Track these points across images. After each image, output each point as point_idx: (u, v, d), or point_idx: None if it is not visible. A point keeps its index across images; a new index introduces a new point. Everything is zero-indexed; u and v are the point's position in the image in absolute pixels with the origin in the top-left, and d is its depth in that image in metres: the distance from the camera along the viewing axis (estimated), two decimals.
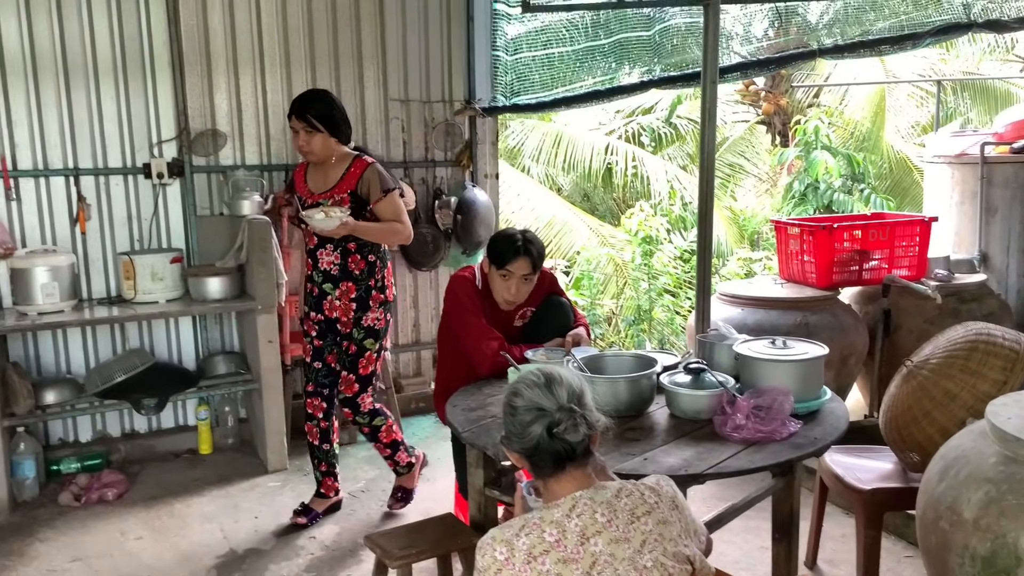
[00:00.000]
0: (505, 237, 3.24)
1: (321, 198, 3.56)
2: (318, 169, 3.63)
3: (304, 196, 3.64)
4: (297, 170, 3.77)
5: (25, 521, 3.96)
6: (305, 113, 3.50)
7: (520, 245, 3.16)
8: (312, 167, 3.67)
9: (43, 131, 4.39)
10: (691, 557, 1.75)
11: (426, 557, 2.62)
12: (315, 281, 3.68)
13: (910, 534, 3.51)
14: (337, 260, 3.62)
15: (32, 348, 4.45)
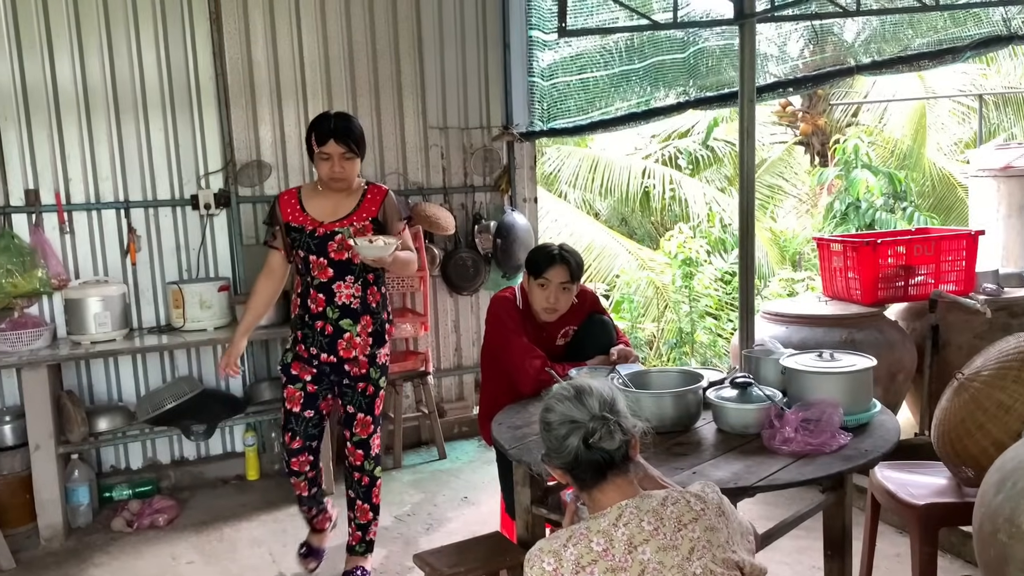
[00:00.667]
0: (541, 247, 3.31)
1: (338, 226, 3.24)
2: (321, 196, 3.32)
3: (308, 226, 3.27)
4: (284, 198, 3.36)
5: (80, 546, 4.03)
6: (348, 138, 3.22)
7: (556, 253, 3.20)
8: (310, 194, 3.34)
9: (95, 165, 4.53)
10: (740, 563, 1.74)
11: (475, 575, 2.62)
12: (329, 318, 3.29)
13: (967, 552, 3.43)
14: (358, 292, 3.31)
15: (85, 377, 4.56)
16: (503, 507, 3.56)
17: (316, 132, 3.20)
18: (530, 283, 3.24)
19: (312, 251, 3.26)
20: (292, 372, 3.36)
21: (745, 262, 3.97)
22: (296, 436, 3.38)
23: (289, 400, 3.36)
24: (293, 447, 3.38)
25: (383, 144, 5.16)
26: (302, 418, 3.37)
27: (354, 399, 3.41)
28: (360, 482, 3.46)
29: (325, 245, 3.26)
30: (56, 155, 4.44)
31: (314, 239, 3.26)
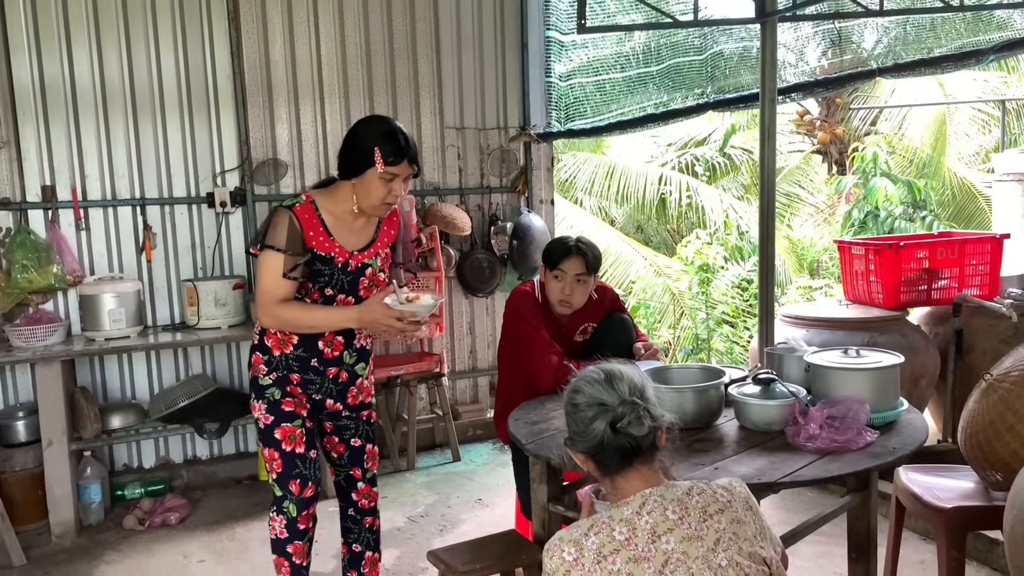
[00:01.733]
0: (558, 239, 3.27)
1: (366, 257, 2.69)
2: (342, 221, 2.64)
3: (339, 257, 2.63)
4: (304, 218, 2.57)
5: (91, 544, 4.00)
6: (416, 158, 2.63)
7: (572, 245, 3.15)
8: (335, 216, 2.62)
9: (112, 163, 4.52)
10: (768, 559, 1.68)
11: (490, 573, 2.57)
12: (346, 363, 2.77)
13: (993, 559, 3.35)
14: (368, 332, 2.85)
15: (99, 373, 4.55)
16: (518, 508, 3.50)
17: (386, 148, 2.51)
18: (546, 275, 3.19)
19: (343, 289, 2.67)
20: (285, 409, 2.67)
21: (765, 262, 3.91)
22: (308, 482, 2.68)
23: (288, 441, 2.66)
24: (306, 496, 2.68)
25: None
26: (308, 459, 2.69)
27: (359, 430, 2.87)
28: (372, 528, 2.93)
29: (357, 281, 2.69)
30: (73, 152, 4.44)
31: (347, 274, 2.66)
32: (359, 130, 2.61)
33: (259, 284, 2.59)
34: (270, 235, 2.55)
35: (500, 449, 5.14)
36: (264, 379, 2.69)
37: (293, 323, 2.60)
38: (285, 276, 2.54)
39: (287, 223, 2.54)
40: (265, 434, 2.69)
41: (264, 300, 2.57)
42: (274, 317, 2.58)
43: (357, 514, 2.91)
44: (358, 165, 2.55)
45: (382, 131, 2.56)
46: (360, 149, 2.54)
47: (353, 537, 2.92)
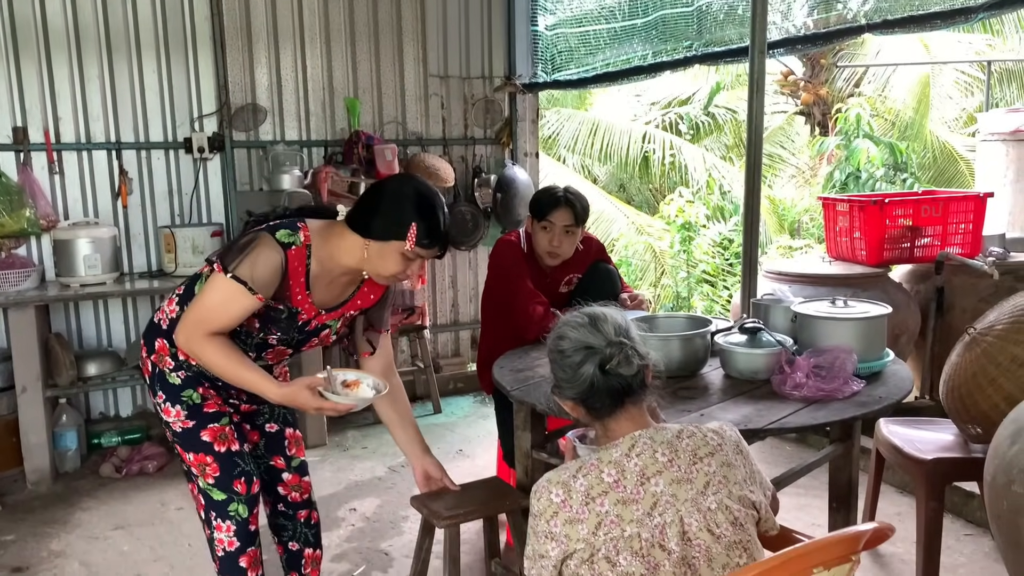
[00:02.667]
0: (546, 189, 3.21)
1: (330, 318, 2.33)
2: (325, 272, 2.24)
3: (304, 312, 2.26)
4: (294, 266, 2.17)
5: (67, 491, 3.96)
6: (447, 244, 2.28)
7: (561, 196, 3.09)
8: (319, 268, 2.22)
9: (86, 105, 4.40)
10: (757, 503, 1.67)
11: (474, 518, 2.56)
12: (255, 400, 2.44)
13: (968, 512, 3.40)
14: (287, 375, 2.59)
15: (74, 320, 4.47)
16: (500, 458, 3.50)
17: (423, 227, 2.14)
18: (533, 225, 3.15)
19: (289, 344, 2.34)
20: (207, 411, 2.32)
21: (750, 214, 3.89)
22: (252, 477, 2.34)
23: (220, 441, 2.30)
24: (254, 492, 2.35)
25: (382, 92, 5.04)
26: (246, 455, 2.36)
27: (274, 413, 2.53)
28: (309, 522, 2.59)
29: (307, 340, 2.36)
30: (45, 93, 4.31)
31: (302, 333, 2.32)
32: (398, 193, 2.17)
33: (199, 304, 2.14)
34: (247, 266, 2.10)
35: (481, 402, 5.14)
36: (172, 376, 2.30)
37: (211, 365, 2.17)
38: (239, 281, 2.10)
39: (275, 266, 2.12)
40: (186, 438, 2.30)
41: (195, 325, 2.13)
42: (194, 349, 2.15)
43: (288, 509, 2.55)
44: (384, 231, 2.14)
45: (425, 205, 2.16)
46: (394, 216, 2.13)
47: (288, 535, 2.57)
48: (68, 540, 3.47)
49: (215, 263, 2.13)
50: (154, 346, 2.32)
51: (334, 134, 4.92)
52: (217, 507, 2.31)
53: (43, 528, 3.57)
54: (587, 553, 1.58)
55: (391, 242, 2.14)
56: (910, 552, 3.01)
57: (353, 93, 4.95)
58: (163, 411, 2.33)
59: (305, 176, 4.63)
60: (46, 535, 3.51)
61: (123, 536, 3.50)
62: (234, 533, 2.31)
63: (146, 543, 3.43)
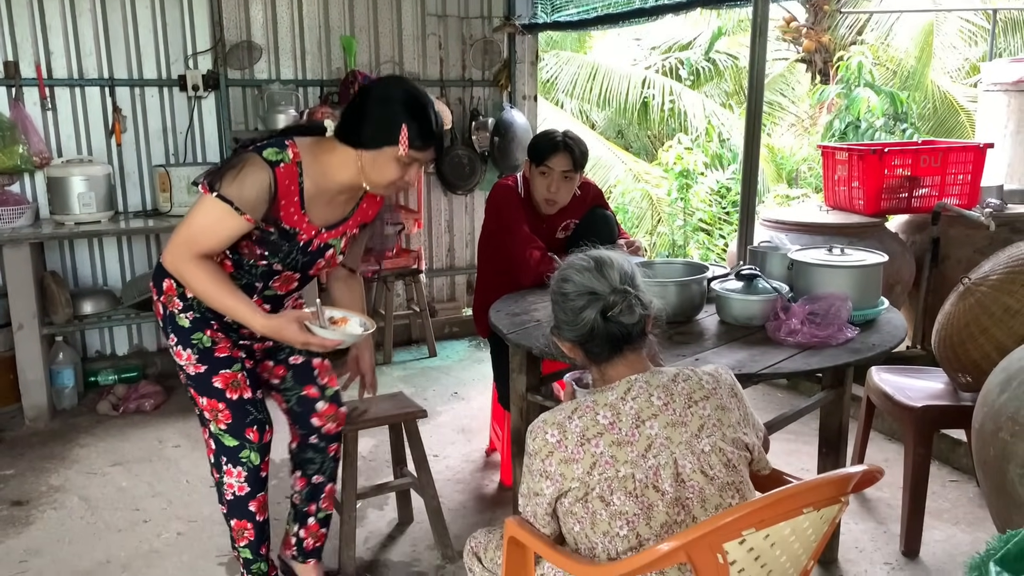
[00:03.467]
0: (544, 133, 3.14)
1: (332, 236, 2.29)
2: (322, 191, 2.20)
3: (303, 232, 2.22)
4: (284, 184, 2.12)
5: (65, 428, 4.00)
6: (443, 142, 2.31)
7: (560, 140, 3.05)
8: (314, 187, 2.17)
9: (78, 40, 4.32)
10: (750, 445, 1.70)
11: (373, 425, 2.77)
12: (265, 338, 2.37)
13: (955, 459, 3.46)
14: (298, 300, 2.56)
15: (69, 259, 4.45)
16: (494, 400, 3.53)
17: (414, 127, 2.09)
18: (531, 170, 3.12)
19: (295, 267, 2.29)
20: (219, 356, 2.28)
21: (749, 161, 3.88)
22: (265, 426, 2.33)
23: (232, 388, 2.28)
24: (266, 441, 2.34)
25: (379, 31, 4.96)
26: (259, 402, 2.34)
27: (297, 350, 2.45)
28: (336, 456, 2.57)
29: (314, 263, 2.31)
30: (36, 26, 4.23)
31: (306, 254, 2.27)
32: (384, 96, 2.11)
33: (186, 224, 2.09)
34: (234, 185, 2.05)
35: (476, 346, 5.17)
36: (181, 318, 2.27)
37: (197, 289, 2.12)
38: (220, 197, 2.05)
39: (262, 184, 2.07)
40: (199, 382, 2.27)
41: (181, 247, 2.08)
42: (181, 271, 2.10)
43: (321, 441, 2.49)
44: (375, 138, 2.08)
45: (414, 105, 2.10)
46: (382, 120, 2.08)
47: (314, 468, 2.52)
48: (67, 475, 3.51)
49: (201, 183, 2.09)
50: (162, 287, 2.29)
51: (330, 73, 4.86)
52: (229, 453, 2.30)
53: (42, 463, 3.62)
54: (581, 492, 1.61)
55: (384, 148, 2.09)
56: (896, 497, 3.07)
57: (349, 31, 4.87)
58: (175, 354, 2.31)
59: (300, 116, 4.58)
60: (45, 470, 3.55)
61: (121, 472, 3.54)
62: (245, 479, 2.31)
63: (144, 479, 3.47)
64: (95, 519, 3.15)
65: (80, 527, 3.09)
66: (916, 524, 2.85)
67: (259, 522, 2.39)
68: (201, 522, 3.12)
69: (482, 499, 3.30)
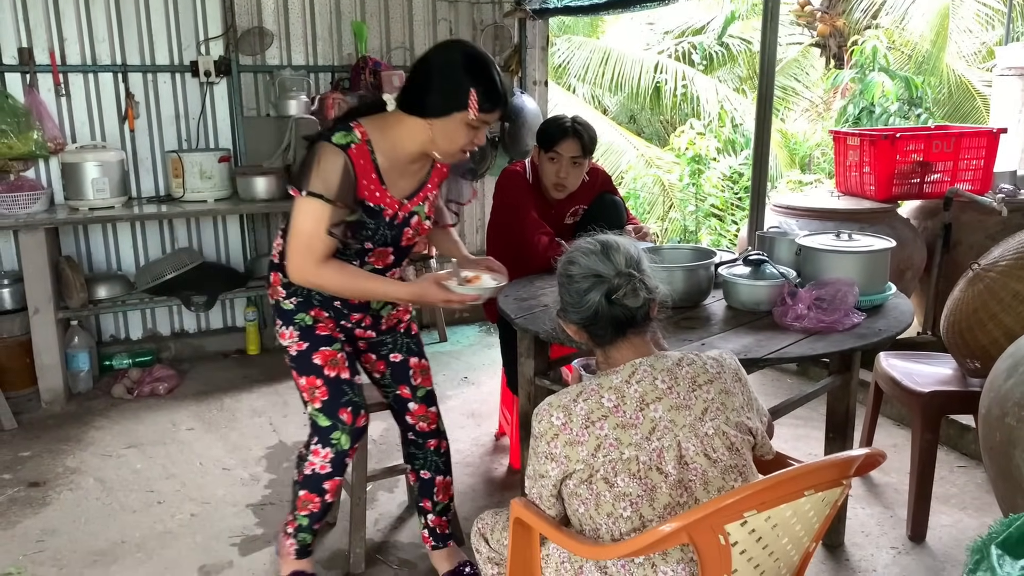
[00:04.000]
0: (553, 119, 3.15)
1: (414, 204, 2.34)
2: (396, 164, 2.25)
3: (387, 207, 2.27)
4: (360, 164, 2.18)
5: (80, 411, 4.05)
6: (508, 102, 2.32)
7: (569, 126, 3.06)
8: (387, 161, 2.23)
9: (91, 26, 4.35)
10: (753, 429, 1.71)
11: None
12: (372, 309, 2.50)
13: (963, 444, 3.46)
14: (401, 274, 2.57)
15: (84, 244, 4.50)
16: (504, 385, 3.56)
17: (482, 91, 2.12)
18: (540, 156, 3.13)
19: (385, 242, 2.33)
20: (320, 333, 2.39)
21: (760, 147, 3.88)
22: (360, 410, 2.38)
23: (331, 366, 2.36)
24: (359, 425, 2.38)
25: (390, 16, 4.96)
26: (356, 386, 2.41)
27: (398, 343, 2.58)
28: (439, 450, 2.62)
29: (401, 232, 2.34)
30: (50, 13, 4.25)
31: (392, 228, 2.31)
32: (449, 61, 2.13)
33: (295, 236, 2.14)
34: (318, 179, 2.11)
35: (486, 331, 5.19)
36: (286, 303, 2.38)
37: (335, 290, 2.25)
38: (328, 232, 2.13)
39: (341, 168, 2.13)
40: (300, 361, 2.36)
41: (302, 259, 2.14)
42: (311, 279, 2.18)
43: (418, 438, 2.59)
44: (444, 105, 2.11)
45: (478, 67, 2.12)
46: (451, 86, 2.10)
47: (419, 463, 2.61)
48: (82, 457, 3.56)
49: (291, 188, 2.18)
50: (270, 280, 2.43)
51: (341, 59, 4.87)
52: (320, 433, 2.35)
53: (58, 445, 3.67)
54: (586, 474, 1.63)
55: (453, 115, 2.12)
56: (903, 482, 3.09)
57: (360, 17, 4.88)
58: (280, 335, 2.41)
59: (312, 102, 4.59)
60: (61, 452, 3.61)
61: (136, 454, 3.59)
62: (330, 460, 2.35)
63: (158, 461, 3.52)
64: (110, 500, 3.20)
65: (95, 508, 3.15)
66: (923, 509, 2.86)
67: (327, 501, 2.44)
68: (214, 504, 3.17)
69: (491, 482, 3.33)
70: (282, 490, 3.26)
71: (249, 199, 4.41)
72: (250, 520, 3.05)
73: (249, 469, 3.45)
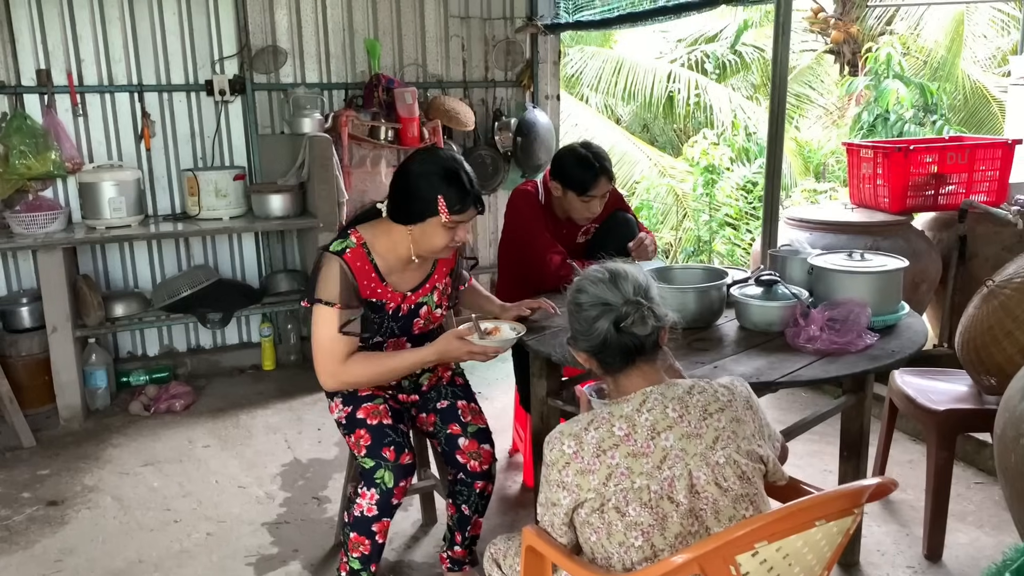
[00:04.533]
0: (577, 162, 3.06)
1: (421, 295, 2.49)
2: (395, 263, 2.44)
3: (390, 302, 2.44)
4: (357, 266, 2.37)
5: (98, 428, 4.09)
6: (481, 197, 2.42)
7: (597, 166, 3.04)
8: (385, 262, 2.42)
9: (108, 47, 4.40)
10: (764, 457, 1.71)
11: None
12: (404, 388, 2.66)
13: (980, 461, 3.43)
14: None
15: (101, 262, 4.55)
16: (517, 401, 3.57)
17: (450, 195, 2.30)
18: (568, 196, 3.11)
19: (393, 334, 2.49)
20: (362, 394, 2.49)
21: (772, 161, 3.86)
22: (404, 449, 2.39)
23: (373, 416, 2.43)
24: (403, 463, 2.36)
25: (402, 34, 5.00)
26: (400, 430, 2.43)
27: (443, 392, 2.65)
28: (483, 494, 2.59)
29: (411, 323, 2.50)
30: (68, 35, 4.31)
31: (398, 320, 2.47)
32: (415, 172, 2.33)
33: (317, 345, 2.34)
34: (320, 288, 2.33)
35: None
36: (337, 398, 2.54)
37: (367, 381, 2.40)
38: (341, 331, 2.32)
39: (338, 273, 2.32)
40: (348, 422, 2.45)
41: (326, 362, 2.34)
42: (342, 378, 2.36)
43: (468, 477, 2.54)
44: (419, 212, 2.31)
45: (443, 174, 2.31)
46: (420, 198, 2.30)
47: (462, 499, 2.59)
48: (100, 475, 3.60)
49: (303, 302, 2.42)
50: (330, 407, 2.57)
51: (354, 77, 4.90)
52: (365, 476, 2.37)
53: (76, 463, 3.71)
54: (597, 503, 1.63)
55: (428, 220, 2.31)
56: (920, 499, 3.07)
57: (373, 35, 4.91)
58: (330, 410, 2.55)
59: (326, 119, 4.63)
60: (79, 470, 3.64)
61: (152, 472, 3.62)
62: (376, 501, 2.35)
63: (175, 479, 3.55)
64: (127, 519, 3.23)
65: (113, 527, 3.17)
66: (939, 528, 2.84)
67: (378, 543, 2.42)
68: (230, 522, 3.19)
69: (505, 500, 3.34)
70: (296, 508, 3.28)
71: (264, 216, 4.44)
72: (265, 539, 3.07)
73: (264, 487, 3.47)
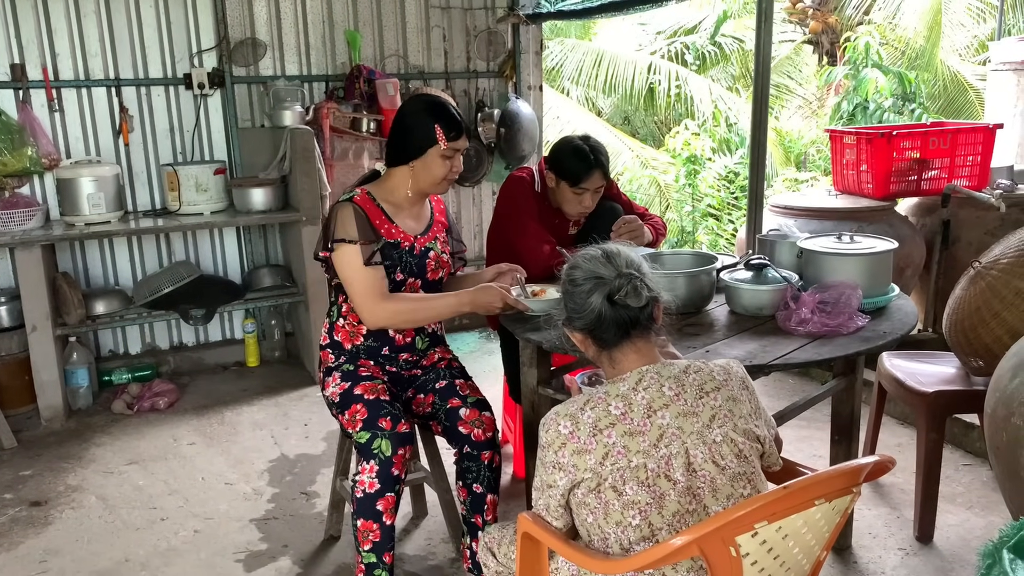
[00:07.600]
0: (573, 152, 3.02)
1: (428, 240, 2.63)
2: (400, 208, 2.58)
3: (404, 240, 2.56)
4: (369, 207, 2.51)
5: (81, 427, 4.04)
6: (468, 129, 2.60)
7: (592, 159, 2.99)
8: (392, 206, 2.56)
9: (84, 40, 4.33)
10: (761, 437, 1.70)
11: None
12: (418, 349, 2.70)
13: (968, 443, 3.45)
14: None
15: (80, 260, 4.48)
16: (505, 393, 3.55)
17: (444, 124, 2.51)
18: (561, 187, 3.07)
19: (412, 272, 2.59)
20: (362, 374, 2.56)
21: (756, 148, 3.88)
22: (400, 419, 2.42)
23: (370, 392, 2.48)
24: (400, 431, 2.39)
25: (383, 24, 4.95)
26: (396, 404, 2.49)
27: (441, 374, 2.71)
28: (491, 465, 2.56)
29: (424, 264, 2.61)
30: (42, 29, 4.24)
31: (414, 257, 2.59)
32: (411, 111, 2.56)
33: (350, 286, 2.45)
34: (338, 230, 2.45)
35: (486, 338, 5.18)
36: (334, 363, 2.61)
37: (410, 316, 2.50)
38: (368, 264, 2.43)
39: (352, 213, 2.46)
40: (343, 399, 2.49)
41: (366, 299, 2.43)
42: (387, 314, 2.45)
43: (473, 449, 2.53)
44: (419, 146, 2.50)
45: (434, 109, 2.54)
46: (419, 130, 2.50)
47: (472, 476, 2.55)
48: (84, 475, 3.54)
49: (321, 253, 2.52)
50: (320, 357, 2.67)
51: (335, 68, 4.86)
52: (362, 449, 2.38)
53: (59, 463, 3.65)
54: (594, 482, 1.62)
55: (427, 151, 2.50)
56: (909, 482, 3.07)
57: (353, 26, 4.86)
58: (324, 386, 2.61)
59: (307, 112, 4.58)
60: (62, 470, 3.59)
61: (137, 471, 3.57)
62: (376, 474, 2.34)
63: (160, 477, 3.50)
64: (113, 518, 3.18)
65: (98, 526, 3.13)
66: (929, 510, 2.85)
67: (386, 525, 2.38)
68: (217, 519, 3.15)
69: None
70: (285, 504, 3.25)
71: (245, 211, 4.39)
72: (254, 535, 3.04)
73: (251, 483, 3.43)
